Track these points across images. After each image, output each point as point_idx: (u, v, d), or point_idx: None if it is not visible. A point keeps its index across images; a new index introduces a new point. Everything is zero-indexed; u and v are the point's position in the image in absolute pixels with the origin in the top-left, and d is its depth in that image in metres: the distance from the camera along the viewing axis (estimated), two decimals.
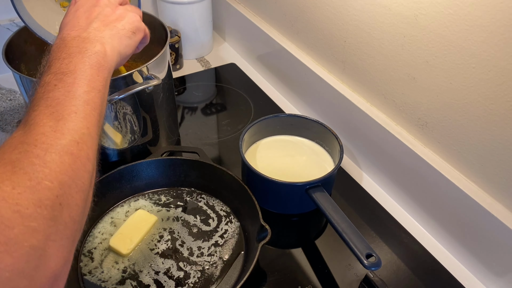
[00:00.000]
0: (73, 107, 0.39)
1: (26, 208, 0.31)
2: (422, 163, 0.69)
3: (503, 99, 0.55)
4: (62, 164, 0.35)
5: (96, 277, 0.63)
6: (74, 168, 0.36)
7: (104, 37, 0.48)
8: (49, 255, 0.32)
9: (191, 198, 0.75)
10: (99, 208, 0.71)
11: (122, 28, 0.51)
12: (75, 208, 0.36)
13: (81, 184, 0.37)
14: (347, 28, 0.77)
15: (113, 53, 0.48)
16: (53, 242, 0.33)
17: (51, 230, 0.33)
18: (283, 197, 0.73)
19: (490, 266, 0.64)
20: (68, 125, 0.38)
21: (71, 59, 0.43)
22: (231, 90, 1.05)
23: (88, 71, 0.43)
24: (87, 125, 0.39)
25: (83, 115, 0.39)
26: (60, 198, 0.34)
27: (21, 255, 0.30)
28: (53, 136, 0.36)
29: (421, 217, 0.74)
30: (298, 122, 0.82)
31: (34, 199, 0.32)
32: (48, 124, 0.37)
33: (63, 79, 0.41)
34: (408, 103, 0.70)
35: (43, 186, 0.33)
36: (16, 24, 1.01)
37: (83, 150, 0.38)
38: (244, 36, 1.12)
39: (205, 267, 0.65)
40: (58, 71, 0.41)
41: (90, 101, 0.41)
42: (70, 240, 0.35)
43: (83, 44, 0.45)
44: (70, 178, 0.35)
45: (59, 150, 0.35)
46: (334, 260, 0.68)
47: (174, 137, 0.89)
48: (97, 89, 0.43)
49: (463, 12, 0.56)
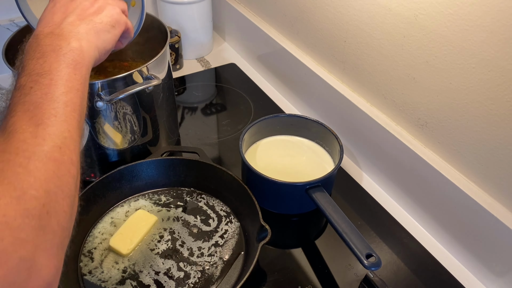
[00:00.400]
0: (52, 110, 0.38)
1: (14, 219, 0.31)
2: (422, 163, 0.69)
3: (503, 99, 0.55)
4: (47, 172, 0.34)
5: (96, 277, 0.63)
6: (59, 175, 0.35)
7: (79, 32, 0.45)
8: (40, 265, 0.32)
9: (191, 198, 0.75)
10: (99, 208, 0.71)
11: (100, 22, 0.49)
12: (63, 215, 0.35)
13: (67, 190, 0.36)
14: (347, 28, 0.77)
15: (90, 49, 0.46)
16: (43, 251, 0.32)
17: (40, 239, 0.32)
18: (283, 197, 0.73)
19: (490, 266, 0.64)
20: (49, 130, 0.36)
21: (46, 58, 0.41)
22: (231, 90, 1.05)
23: (64, 71, 0.41)
24: (68, 128, 0.38)
25: (63, 118, 0.38)
26: (47, 207, 0.33)
27: (11, 267, 0.30)
28: (34, 143, 0.35)
29: (421, 217, 0.74)
30: (298, 122, 0.82)
31: (21, 210, 0.31)
32: (28, 130, 0.35)
33: (38, 80, 0.39)
34: (408, 103, 0.70)
35: (29, 196, 0.32)
36: (16, 24, 1.01)
37: (66, 155, 0.37)
38: (244, 36, 1.12)
39: (205, 268, 0.65)
40: (32, 72, 0.40)
41: (69, 102, 0.39)
42: (60, 248, 0.35)
43: (57, 42, 0.43)
44: (56, 185, 0.35)
45: (42, 157, 0.35)
46: (334, 260, 0.68)
47: (174, 137, 0.89)
48: (75, 89, 0.41)
49: (463, 12, 0.56)
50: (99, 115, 0.71)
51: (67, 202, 0.36)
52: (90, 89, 0.66)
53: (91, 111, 0.69)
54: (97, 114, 0.70)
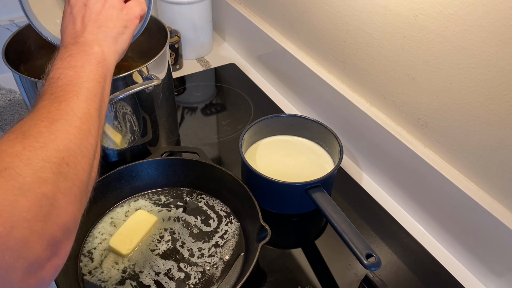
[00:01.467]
0: (75, 92, 0.43)
1: (36, 162, 0.35)
2: (422, 163, 0.69)
3: (503, 99, 0.55)
4: (68, 133, 0.39)
5: (96, 277, 0.63)
6: (79, 137, 0.40)
7: (99, 39, 0.52)
8: (60, 206, 0.35)
9: (191, 198, 0.75)
10: (99, 208, 0.71)
11: (113, 27, 0.54)
12: (81, 171, 0.39)
13: (85, 151, 0.40)
14: (347, 28, 0.77)
15: (110, 52, 0.52)
16: (63, 195, 0.36)
17: (60, 184, 0.36)
18: (283, 197, 0.73)
19: (490, 266, 0.64)
20: (71, 105, 0.42)
21: (73, 58, 0.47)
22: (231, 90, 1.05)
23: (87, 66, 0.47)
24: (88, 107, 0.43)
25: (84, 98, 0.44)
26: (67, 159, 0.38)
27: (34, 199, 0.33)
28: (58, 113, 0.40)
29: (421, 217, 0.74)
30: (298, 122, 0.82)
31: (43, 156, 0.36)
32: (53, 105, 0.41)
33: (64, 72, 0.45)
34: (408, 103, 0.70)
35: (51, 147, 0.37)
36: (16, 24, 1.01)
37: (86, 124, 0.42)
38: (244, 36, 1.12)
39: (205, 268, 0.65)
40: (60, 67, 0.46)
41: (91, 88, 0.45)
42: (78, 198, 0.38)
43: (82, 47, 0.49)
44: (75, 145, 0.39)
45: (64, 122, 0.40)
46: (334, 260, 0.68)
47: (174, 137, 0.89)
48: (96, 81, 0.47)
49: (463, 12, 0.56)
50: None
51: (86, 161, 0.40)
52: None
53: None
54: None
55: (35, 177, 0.34)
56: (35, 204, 0.33)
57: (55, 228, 0.35)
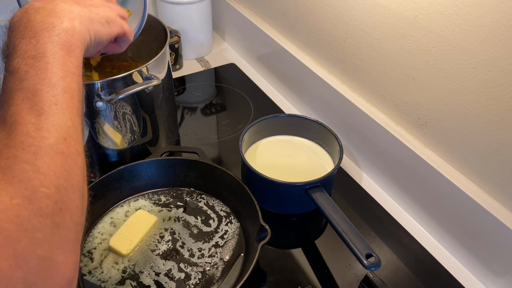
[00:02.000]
0: (52, 97, 0.36)
1: (28, 220, 0.31)
2: (422, 163, 0.69)
3: (503, 99, 0.55)
4: (55, 167, 0.34)
5: (96, 277, 0.63)
6: (67, 168, 0.35)
7: (73, 12, 0.42)
8: (59, 263, 0.32)
9: (191, 199, 0.75)
10: (99, 208, 0.71)
11: (95, 13, 0.47)
12: (75, 209, 0.35)
13: (76, 183, 0.35)
14: (347, 28, 0.77)
15: (83, 29, 0.43)
16: (60, 249, 0.32)
17: (56, 237, 0.32)
18: (283, 197, 0.73)
19: (490, 266, 0.64)
20: (51, 120, 0.35)
21: (38, 38, 0.38)
22: (231, 90, 1.05)
23: (58, 53, 0.39)
24: (70, 117, 0.37)
25: (64, 105, 0.37)
26: (59, 203, 0.33)
27: (30, 267, 0.30)
28: (39, 136, 0.34)
29: (421, 217, 0.74)
30: (298, 122, 0.82)
31: (34, 209, 0.31)
32: (30, 121, 0.34)
33: (34, 64, 0.37)
34: (408, 103, 0.70)
35: (41, 194, 0.32)
36: None
37: (72, 146, 0.36)
38: (244, 36, 1.12)
39: (206, 268, 0.65)
40: (26, 54, 0.37)
41: (68, 88, 0.38)
42: (76, 243, 0.35)
43: (48, 19, 0.40)
44: (65, 180, 0.34)
45: (49, 151, 0.34)
46: (334, 260, 0.68)
47: (173, 137, 0.89)
48: (71, 73, 0.39)
49: (463, 12, 0.56)
50: (99, 115, 0.71)
51: (78, 195, 0.35)
52: (90, 89, 0.66)
53: (90, 111, 0.69)
54: (97, 114, 0.70)
55: (28, 239, 0.30)
56: (32, 272, 0.30)
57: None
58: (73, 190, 0.35)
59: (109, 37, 0.50)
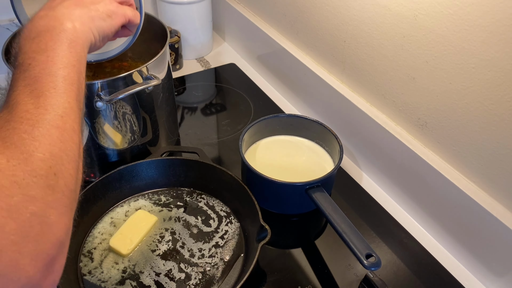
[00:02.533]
0: (51, 83, 0.40)
1: (23, 178, 0.33)
2: (422, 163, 0.69)
3: (503, 99, 0.55)
4: (51, 137, 0.37)
5: (96, 277, 0.63)
6: (62, 140, 0.38)
7: (73, 14, 0.47)
8: (51, 222, 0.34)
9: (191, 198, 0.75)
10: (99, 208, 0.71)
11: (95, 10, 0.50)
12: (69, 177, 0.37)
13: (71, 155, 0.38)
14: (346, 28, 0.77)
15: (84, 30, 0.47)
16: (53, 209, 0.34)
17: (49, 198, 0.34)
18: (283, 197, 0.73)
19: (490, 266, 0.64)
20: (50, 100, 0.39)
21: (41, 38, 0.43)
22: (231, 90, 1.05)
23: (59, 48, 0.43)
24: (67, 100, 0.40)
25: (62, 90, 0.40)
26: (54, 169, 0.35)
27: (23, 220, 0.32)
28: (37, 112, 0.37)
29: (421, 217, 0.74)
30: (298, 122, 0.82)
31: (28, 170, 0.33)
32: (30, 101, 0.38)
33: (36, 57, 0.41)
34: (408, 103, 0.70)
35: (36, 157, 0.34)
36: (15, 24, 1.01)
37: (68, 123, 0.39)
38: (244, 36, 1.12)
39: (206, 269, 0.65)
40: (29, 51, 0.42)
41: (67, 76, 0.42)
42: (69, 208, 0.37)
43: (51, 23, 0.45)
44: (60, 149, 0.37)
45: (45, 124, 0.37)
46: (334, 260, 0.68)
47: (174, 137, 0.89)
48: (71, 65, 0.43)
49: (463, 12, 0.56)
50: (99, 115, 0.71)
51: (72, 165, 0.38)
52: (90, 89, 0.66)
53: (90, 111, 0.69)
54: (97, 114, 0.70)
55: (22, 195, 0.32)
56: (25, 225, 0.32)
57: (48, 246, 0.33)
58: (68, 160, 0.38)
59: (113, 29, 0.53)
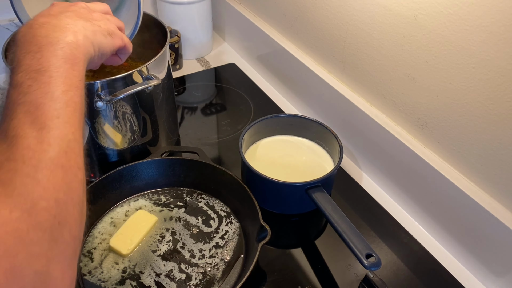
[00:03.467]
0: (54, 111, 0.36)
1: (26, 233, 0.30)
2: (422, 163, 0.69)
3: (503, 99, 0.55)
4: (55, 180, 0.34)
5: (96, 277, 0.63)
6: (67, 182, 0.35)
7: (76, 25, 0.43)
8: (55, 277, 0.32)
9: (191, 198, 0.75)
10: (99, 208, 0.71)
11: (98, 25, 0.48)
12: (74, 224, 0.35)
13: (76, 197, 0.35)
14: (347, 28, 0.77)
15: (86, 44, 0.44)
16: (57, 263, 0.32)
17: (54, 252, 0.32)
18: (283, 197, 0.73)
19: (490, 266, 0.64)
20: (53, 133, 0.35)
21: (43, 52, 0.39)
22: (231, 90, 1.05)
23: (62, 67, 0.39)
24: (71, 130, 0.37)
25: (66, 119, 0.37)
26: (58, 217, 0.33)
27: (27, 281, 0.30)
28: (40, 149, 0.34)
29: (421, 217, 0.74)
30: (298, 122, 0.82)
31: (32, 223, 0.31)
32: (32, 135, 0.34)
33: (37, 78, 0.37)
34: (408, 103, 0.70)
35: (40, 207, 0.32)
36: (15, 24, 1.01)
37: (73, 159, 0.36)
38: (244, 36, 1.12)
39: (206, 269, 0.65)
40: (30, 69, 0.38)
41: (70, 101, 0.38)
42: (73, 258, 0.35)
43: (53, 33, 0.40)
44: (65, 194, 0.34)
45: (49, 164, 0.34)
46: (334, 260, 0.68)
47: (173, 137, 0.89)
48: (74, 86, 0.39)
49: (463, 12, 0.56)
50: (99, 115, 0.71)
51: (77, 209, 0.35)
52: (90, 89, 0.66)
53: (91, 111, 0.69)
54: (97, 114, 0.70)
55: (26, 253, 0.30)
56: (28, 286, 0.30)
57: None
58: (73, 204, 0.35)
59: (112, 48, 0.50)
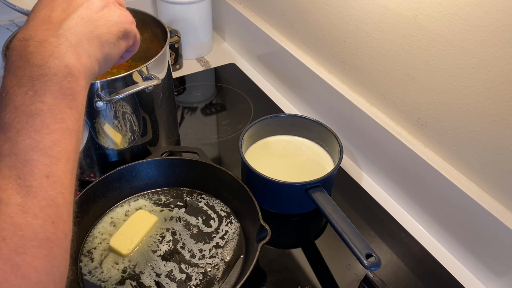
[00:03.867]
0: (43, 168, 0.32)
1: None
2: (422, 163, 0.69)
3: (503, 99, 0.55)
4: (37, 261, 0.30)
5: (96, 277, 0.63)
6: (51, 259, 0.31)
7: (80, 44, 0.38)
8: None
9: (191, 198, 0.75)
10: (99, 208, 0.71)
11: (107, 32, 0.41)
12: None
13: (58, 276, 0.32)
14: (346, 28, 0.77)
15: (91, 63, 0.39)
16: None
17: None
18: (283, 197, 0.73)
19: (490, 266, 0.64)
20: (40, 199, 0.31)
21: (36, 89, 0.33)
22: (231, 90, 1.05)
23: (58, 106, 0.34)
24: (61, 191, 0.33)
25: (56, 178, 0.33)
26: None
27: None
28: (23, 223, 0.30)
29: (421, 217, 0.74)
30: (298, 122, 0.82)
31: None
32: (16, 201, 0.30)
33: (28, 121, 0.32)
34: (408, 103, 0.70)
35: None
36: (16, 24, 1.01)
37: (60, 229, 0.32)
38: (244, 36, 1.12)
39: (206, 269, 0.65)
40: (20, 108, 0.33)
41: (63, 152, 0.34)
42: None
43: (51, 60, 0.35)
44: (47, 275, 0.31)
45: (33, 243, 0.30)
46: (334, 260, 0.68)
47: (173, 137, 0.89)
48: (69, 130, 0.35)
49: (463, 12, 0.56)
50: (99, 115, 0.71)
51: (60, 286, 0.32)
52: (90, 89, 0.65)
53: (90, 111, 0.69)
54: (97, 114, 0.70)
55: None
56: None
57: None
58: (54, 285, 0.32)
59: (120, 54, 0.45)
